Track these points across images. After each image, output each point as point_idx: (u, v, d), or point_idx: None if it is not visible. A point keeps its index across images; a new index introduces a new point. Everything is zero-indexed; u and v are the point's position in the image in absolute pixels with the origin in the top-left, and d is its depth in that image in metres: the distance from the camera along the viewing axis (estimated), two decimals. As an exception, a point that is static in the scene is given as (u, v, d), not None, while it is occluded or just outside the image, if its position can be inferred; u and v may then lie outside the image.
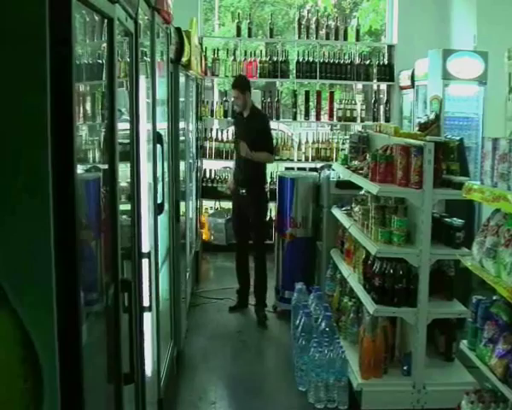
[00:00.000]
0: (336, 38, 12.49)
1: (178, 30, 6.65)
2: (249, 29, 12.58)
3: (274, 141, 9.85)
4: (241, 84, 8.87)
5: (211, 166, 12.48)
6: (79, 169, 2.16)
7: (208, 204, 12.54)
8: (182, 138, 7.31)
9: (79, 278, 2.11)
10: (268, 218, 9.99)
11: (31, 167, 1.91)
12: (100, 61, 2.86)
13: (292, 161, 12.05)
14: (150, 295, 4.08)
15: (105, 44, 2.82)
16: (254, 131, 8.59)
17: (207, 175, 12.21)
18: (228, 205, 11.39)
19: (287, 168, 11.40)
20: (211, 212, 12.43)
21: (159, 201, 5.11)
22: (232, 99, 10.00)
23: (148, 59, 4.71)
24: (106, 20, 2.77)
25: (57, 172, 1.94)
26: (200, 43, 11.46)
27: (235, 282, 8.90)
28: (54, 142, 1.93)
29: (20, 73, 1.90)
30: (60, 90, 1.97)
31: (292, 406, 6.33)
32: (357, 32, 12.78)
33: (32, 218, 1.92)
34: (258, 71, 12.14)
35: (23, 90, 1.90)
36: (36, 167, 1.91)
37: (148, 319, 4.40)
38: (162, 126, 5.66)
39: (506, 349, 4.04)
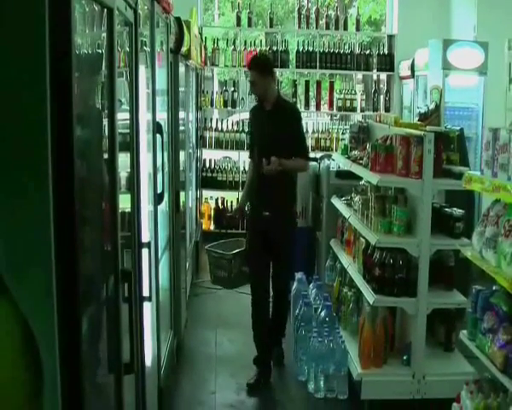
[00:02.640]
0: (336, 28, 12.49)
1: (178, 20, 6.65)
2: (249, 19, 12.56)
3: (304, 137, 7.25)
4: (261, 64, 6.64)
5: (211, 155, 12.49)
6: (79, 159, 2.15)
7: (208, 193, 12.52)
8: (182, 128, 7.31)
9: (79, 269, 2.11)
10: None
11: (31, 157, 1.91)
12: (100, 51, 2.86)
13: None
14: (150, 286, 4.09)
15: (105, 34, 2.82)
16: (281, 131, 6.48)
17: (207, 165, 12.23)
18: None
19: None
20: (212, 244, 7.89)
21: (159, 191, 5.11)
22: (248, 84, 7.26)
23: (148, 49, 4.71)
24: (105, 10, 2.77)
25: (57, 162, 1.94)
26: (200, 33, 11.44)
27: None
28: (53, 132, 1.92)
29: (19, 67, 1.89)
30: (59, 82, 1.97)
31: (291, 396, 6.35)
32: (358, 21, 12.75)
33: (32, 209, 1.92)
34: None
35: (22, 85, 1.90)
36: (36, 157, 1.91)
37: (147, 309, 4.41)
38: (162, 116, 5.66)
39: (506, 340, 4.04)
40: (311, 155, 11.14)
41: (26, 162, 1.91)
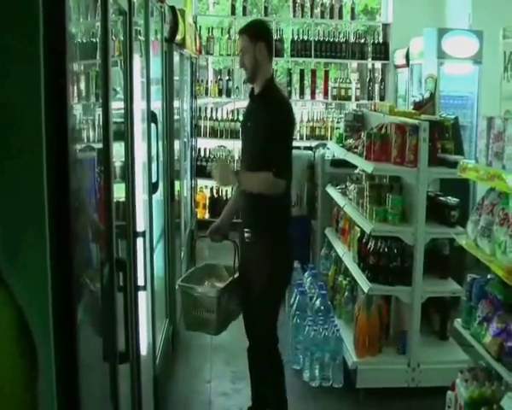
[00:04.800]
0: (331, 17, 12.49)
1: (173, 8, 6.63)
2: (244, 7, 12.55)
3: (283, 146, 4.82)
4: (251, 27, 5.03)
5: (206, 144, 12.48)
6: (74, 149, 2.15)
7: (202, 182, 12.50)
8: (176, 117, 7.29)
9: (74, 257, 2.10)
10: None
11: (25, 146, 1.90)
12: (94, 40, 2.84)
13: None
14: (145, 275, 4.09)
15: (99, 23, 2.80)
16: (260, 126, 4.78)
17: (202, 154, 12.21)
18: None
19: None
20: (182, 277, 5.69)
21: (153, 180, 5.10)
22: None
23: (143, 38, 4.69)
24: (99, -1, 2.75)
25: (51, 150, 1.94)
26: (195, 22, 11.42)
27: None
28: (47, 120, 1.92)
29: (13, 56, 1.88)
30: (54, 71, 1.96)
31: (286, 384, 6.34)
32: (352, 10, 12.75)
33: (27, 199, 1.91)
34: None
35: (17, 76, 1.89)
36: (30, 146, 1.90)
37: (143, 298, 4.41)
38: (157, 105, 5.64)
39: (501, 328, 4.06)
40: (306, 143, 11.19)
41: (20, 155, 1.90)
